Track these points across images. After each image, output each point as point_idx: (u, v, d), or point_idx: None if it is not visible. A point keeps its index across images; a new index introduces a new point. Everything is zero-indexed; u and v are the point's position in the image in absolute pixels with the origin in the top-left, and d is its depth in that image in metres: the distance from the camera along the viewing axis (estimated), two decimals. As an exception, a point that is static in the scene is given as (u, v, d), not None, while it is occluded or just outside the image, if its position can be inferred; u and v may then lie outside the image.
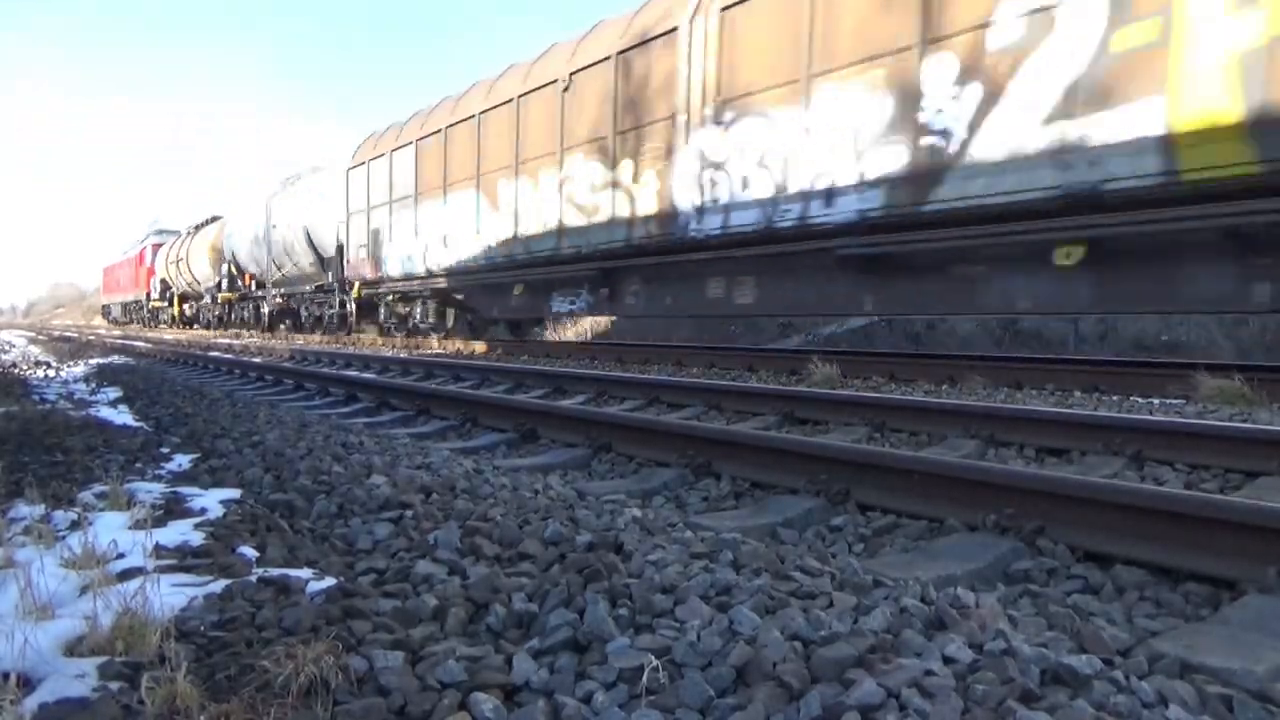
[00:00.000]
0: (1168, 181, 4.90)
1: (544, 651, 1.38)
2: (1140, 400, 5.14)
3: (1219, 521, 1.97)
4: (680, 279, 8.66)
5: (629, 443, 3.68)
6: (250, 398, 5.97)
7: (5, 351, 14.04)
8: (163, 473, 2.97)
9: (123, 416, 4.74)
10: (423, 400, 5.36)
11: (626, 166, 8.77)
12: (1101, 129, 5.15)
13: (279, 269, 18.72)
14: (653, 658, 1.27)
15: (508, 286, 11.29)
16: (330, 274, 16.30)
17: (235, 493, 2.59)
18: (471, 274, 11.78)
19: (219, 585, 1.69)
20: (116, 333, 26.03)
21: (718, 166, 7.69)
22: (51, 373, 8.58)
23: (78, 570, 1.72)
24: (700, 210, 7.86)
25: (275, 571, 1.78)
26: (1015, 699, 1.17)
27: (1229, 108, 4.63)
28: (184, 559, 1.89)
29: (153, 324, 26.78)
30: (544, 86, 9.93)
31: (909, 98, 6.11)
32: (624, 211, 8.78)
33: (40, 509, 2.22)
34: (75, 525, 2.08)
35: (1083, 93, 5.22)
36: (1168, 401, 5.04)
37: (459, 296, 13.02)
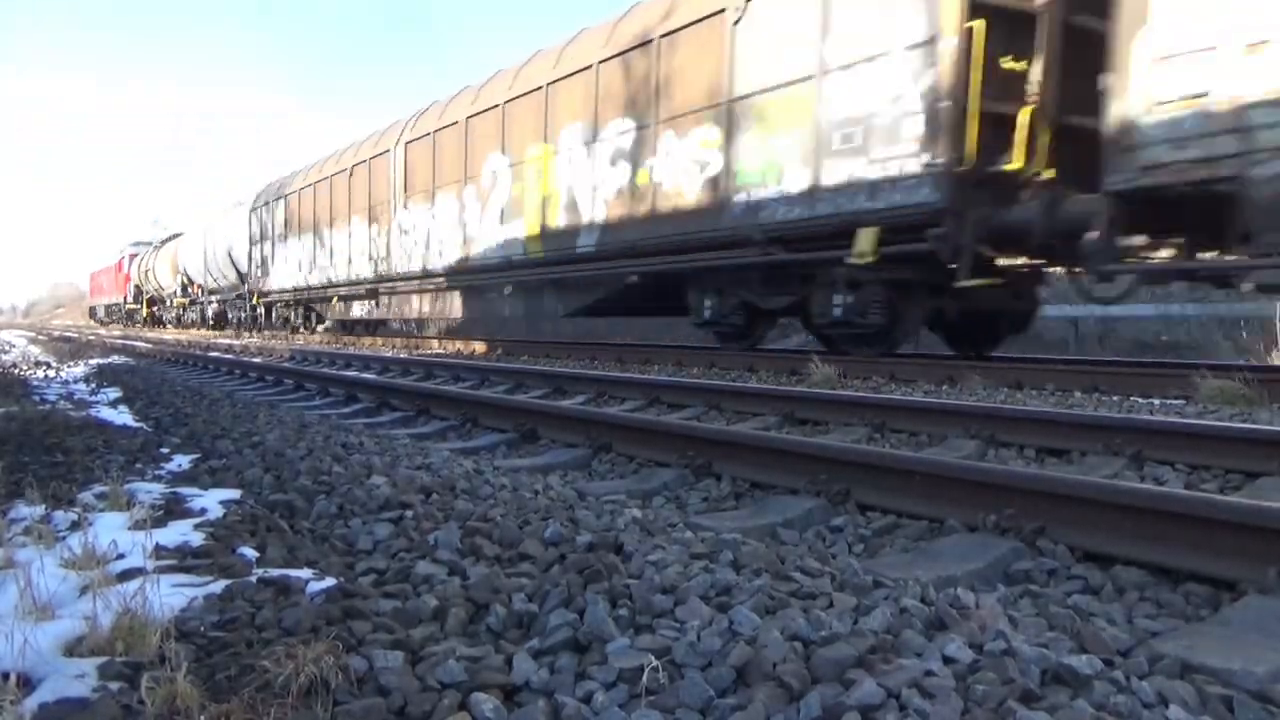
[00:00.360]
0: (531, 258, 11.15)
1: (544, 652, 1.38)
2: (1140, 400, 5.14)
3: (1219, 522, 1.97)
4: (402, 294, 15.13)
5: (629, 443, 3.68)
6: (250, 398, 5.97)
7: (5, 351, 14.04)
8: (163, 473, 2.97)
9: (123, 417, 4.74)
10: (423, 400, 5.36)
11: (370, 230, 15.55)
12: (513, 230, 11.33)
13: (214, 280, 24.41)
14: (653, 658, 1.27)
15: (328, 299, 18.01)
16: (245, 285, 22.12)
17: (235, 493, 2.58)
18: (312, 289, 18.48)
19: (219, 585, 1.69)
20: (117, 333, 26.38)
21: (405, 232, 14.25)
22: (51, 373, 8.58)
23: (78, 570, 1.72)
24: (395, 257, 14.72)
25: (275, 572, 1.78)
26: (1015, 699, 1.17)
27: (538, 227, 10.88)
28: (184, 559, 1.89)
29: (129, 323, 31.65)
30: (335, 174, 17.03)
31: (463, 204, 12.52)
32: (381, 254, 15.17)
33: (40, 509, 2.22)
34: (75, 525, 2.08)
35: (507, 213, 11.46)
36: (1168, 401, 5.04)
37: (308, 304, 19.80)
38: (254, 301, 20.99)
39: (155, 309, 30.27)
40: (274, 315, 20.96)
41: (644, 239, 9.02)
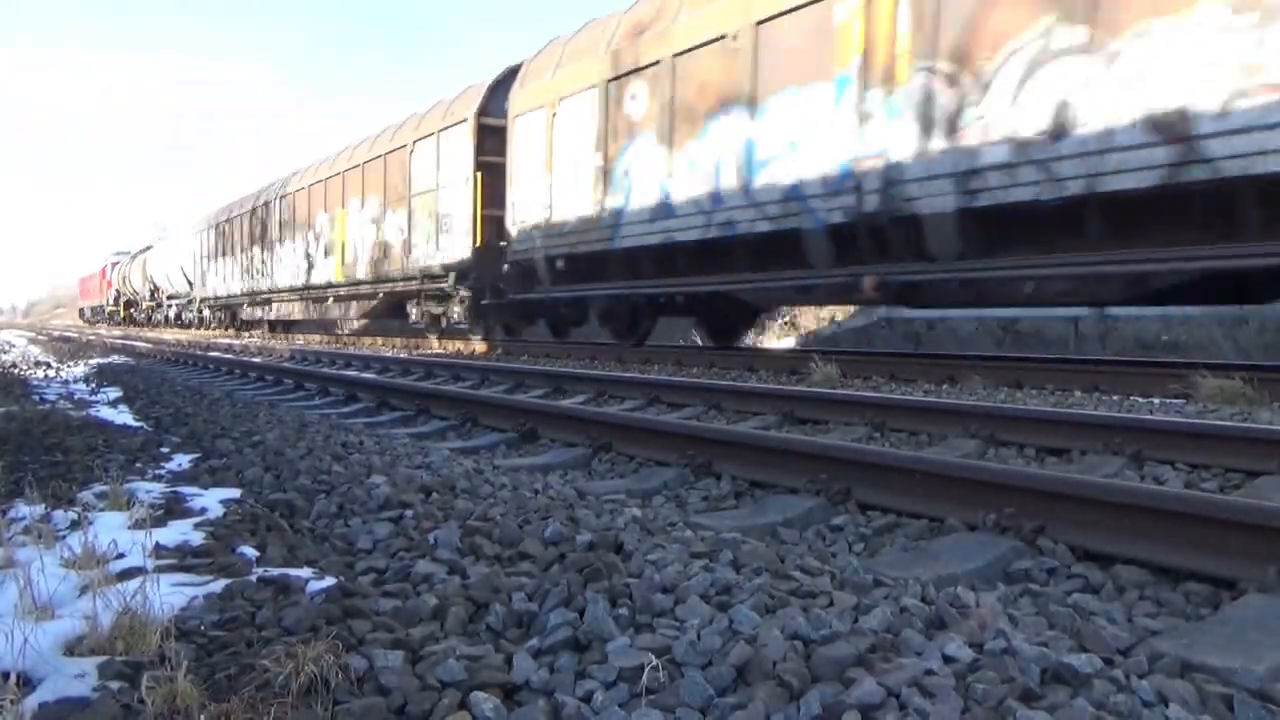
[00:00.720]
0: (338, 283, 17.12)
1: (544, 651, 1.37)
2: (1140, 400, 5.14)
3: (1219, 521, 1.97)
4: (280, 302, 20.75)
5: (629, 442, 3.68)
6: (250, 398, 5.97)
7: (5, 351, 14.04)
8: (163, 472, 2.97)
9: (123, 416, 4.74)
10: (422, 400, 5.36)
11: (264, 256, 20.88)
12: (331, 264, 17.12)
13: (173, 287, 30.17)
14: (653, 657, 1.27)
15: (241, 305, 23.36)
16: (193, 292, 27.58)
17: (235, 492, 2.59)
18: (233, 297, 23.64)
19: (219, 585, 1.69)
20: (117, 333, 26.80)
21: (280, 260, 20.02)
22: (51, 373, 8.58)
23: (78, 570, 1.72)
24: (277, 277, 20.34)
25: (275, 571, 1.78)
26: (1015, 698, 1.18)
27: (340, 263, 17.08)
28: (184, 559, 1.89)
29: (110, 322, 37.42)
30: (244, 213, 22.46)
31: (306, 244, 18.22)
32: (270, 274, 20.67)
33: (40, 509, 2.22)
34: (75, 525, 2.08)
35: (329, 251, 17.12)
36: (1168, 401, 5.03)
37: (230, 308, 24.60)
38: (198, 305, 27.21)
39: (131, 310, 36.39)
40: (210, 316, 26.94)
41: (384, 275, 15.25)
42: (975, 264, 6.50)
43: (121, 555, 1.86)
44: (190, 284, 27.56)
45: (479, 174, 12.11)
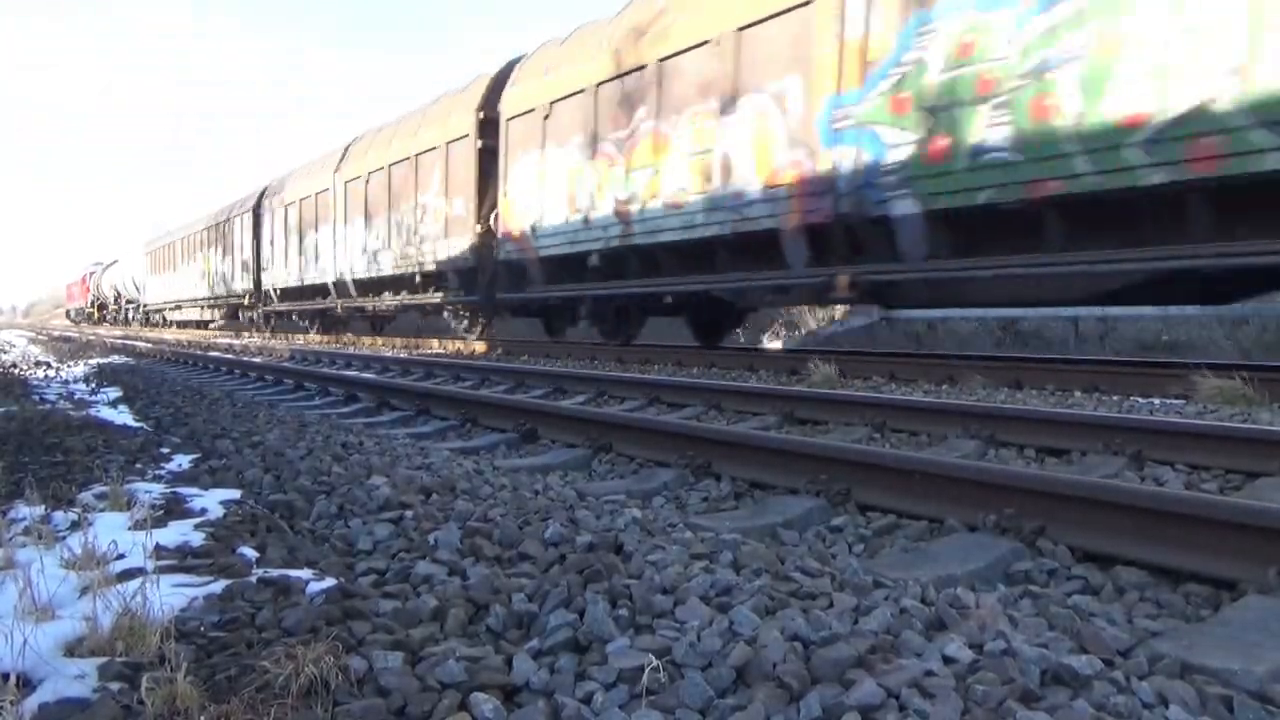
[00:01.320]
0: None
1: (544, 652, 1.38)
2: (1140, 400, 5.14)
3: (1219, 522, 1.97)
4: (188, 309, 27.80)
5: (629, 443, 3.68)
6: (250, 398, 5.97)
7: (5, 351, 14.04)
8: (163, 473, 2.97)
9: (123, 416, 4.74)
10: (422, 400, 5.36)
11: (183, 271, 27.34)
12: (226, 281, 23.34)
13: (129, 294, 36.53)
14: (653, 658, 1.27)
15: (168, 309, 29.63)
16: (141, 298, 34.24)
17: (235, 493, 2.58)
18: (165, 303, 29.73)
19: (219, 586, 1.69)
20: (117, 333, 26.91)
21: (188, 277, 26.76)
22: (51, 373, 8.58)
23: (78, 571, 1.72)
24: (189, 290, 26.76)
25: (275, 572, 1.78)
26: (1015, 699, 1.18)
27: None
28: (184, 559, 1.89)
29: (88, 322, 43.58)
30: (175, 240, 28.17)
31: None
32: (185, 287, 27.32)
33: (40, 509, 2.22)
34: (75, 526, 2.08)
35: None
36: (1168, 401, 5.03)
37: (162, 312, 30.72)
38: (143, 309, 33.94)
39: (103, 311, 42.80)
40: (152, 319, 32.98)
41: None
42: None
43: (121, 556, 1.85)
44: (138, 290, 34.75)
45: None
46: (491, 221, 11.72)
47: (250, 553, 1.93)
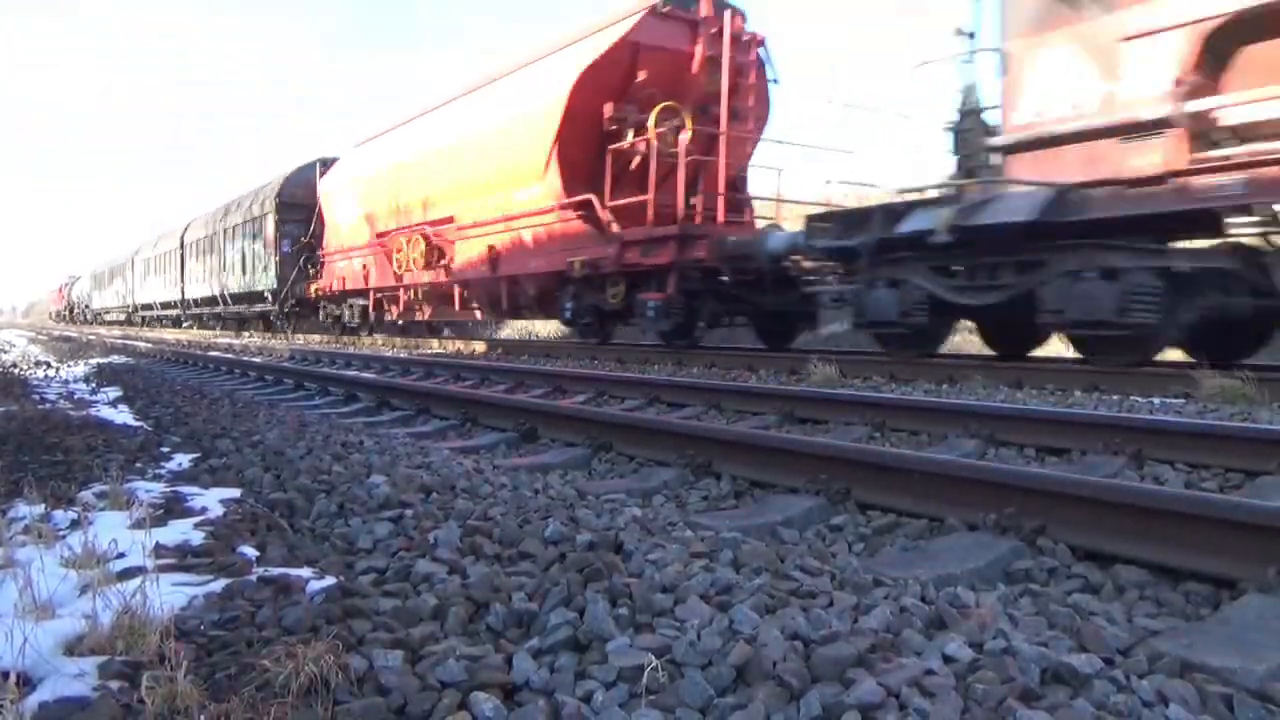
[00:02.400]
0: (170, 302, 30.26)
1: (544, 651, 1.37)
2: (1140, 400, 5.14)
3: (1219, 521, 1.97)
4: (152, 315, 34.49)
5: (629, 442, 3.68)
6: (250, 397, 5.97)
7: (5, 351, 14.04)
8: (163, 472, 2.97)
9: (123, 416, 4.74)
10: (422, 399, 5.36)
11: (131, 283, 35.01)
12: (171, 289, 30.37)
13: (87, 302, 46.00)
14: (653, 657, 1.27)
15: (107, 311, 41.44)
16: (93, 306, 44.06)
17: (235, 492, 2.58)
18: (114, 308, 39.14)
19: (219, 584, 1.69)
20: (117, 333, 26.97)
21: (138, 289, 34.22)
22: (51, 372, 8.58)
23: (78, 569, 1.72)
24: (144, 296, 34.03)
25: (275, 571, 1.78)
26: (1015, 698, 1.18)
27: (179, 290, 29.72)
28: (184, 558, 1.89)
29: (65, 321, 52.20)
30: (131, 259, 35.35)
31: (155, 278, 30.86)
32: (139, 294, 34.69)
33: (40, 508, 2.22)
34: (75, 524, 2.08)
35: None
36: (1168, 401, 5.03)
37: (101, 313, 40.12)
38: (91, 312, 44.47)
39: (71, 313, 52.04)
40: (100, 318, 42.18)
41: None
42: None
43: (121, 555, 1.85)
44: (89, 300, 45.58)
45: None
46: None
47: (250, 551, 1.93)
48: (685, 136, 9.37)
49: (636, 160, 9.80)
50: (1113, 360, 6.14)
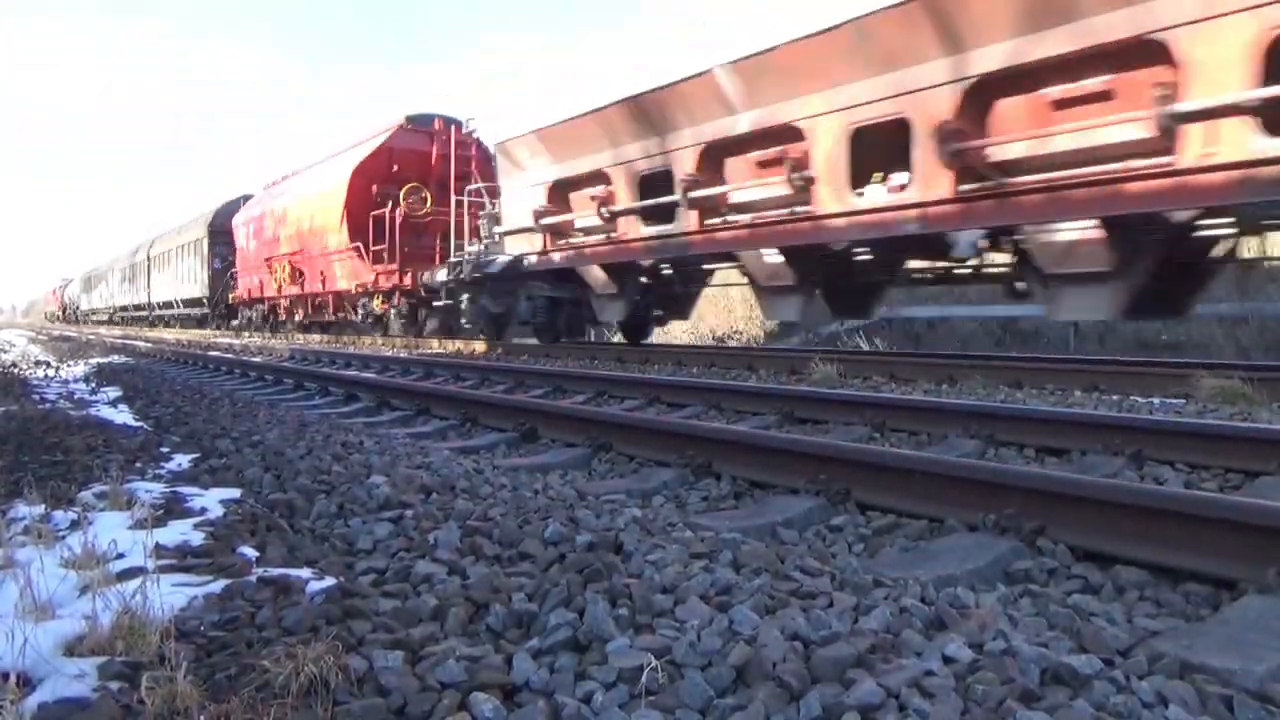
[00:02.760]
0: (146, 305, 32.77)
1: (544, 651, 1.37)
2: (1140, 400, 5.14)
3: (1219, 521, 1.97)
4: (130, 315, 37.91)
5: (629, 442, 3.68)
6: (250, 397, 5.97)
7: (5, 351, 14.04)
8: (163, 472, 2.97)
9: (122, 416, 4.74)
10: (423, 400, 5.36)
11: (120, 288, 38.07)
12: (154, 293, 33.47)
13: (76, 304, 50.22)
14: (652, 658, 1.27)
15: (91, 313, 45.98)
16: (82, 307, 47.82)
17: (235, 492, 2.58)
18: (93, 310, 44.68)
19: (219, 585, 1.69)
20: (117, 332, 27.05)
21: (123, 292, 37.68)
22: (51, 372, 8.58)
23: (78, 570, 1.72)
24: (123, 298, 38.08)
25: (275, 571, 1.78)
26: (1015, 699, 1.18)
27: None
28: (184, 559, 1.89)
29: (60, 321, 55.10)
30: (108, 268, 40.88)
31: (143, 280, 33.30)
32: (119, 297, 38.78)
33: (40, 509, 2.22)
34: (75, 525, 2.08)
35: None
36: (1168, 401, 5.03)
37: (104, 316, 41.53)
38: (80, 313, 47.81)
39: (65, 314, 55.43)
40: (88, 319, 44.82)
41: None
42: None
43: (121, 555, 1.86)
44: (78, 302, 49.43)
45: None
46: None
47: (250, 552, 1.93)
48: (426, 205, 15.49)
49: (387, 221, 15.30)
50: (546, 338, 12.12)
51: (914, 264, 8.34)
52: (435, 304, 13.88)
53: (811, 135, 7.20)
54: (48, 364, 9.96)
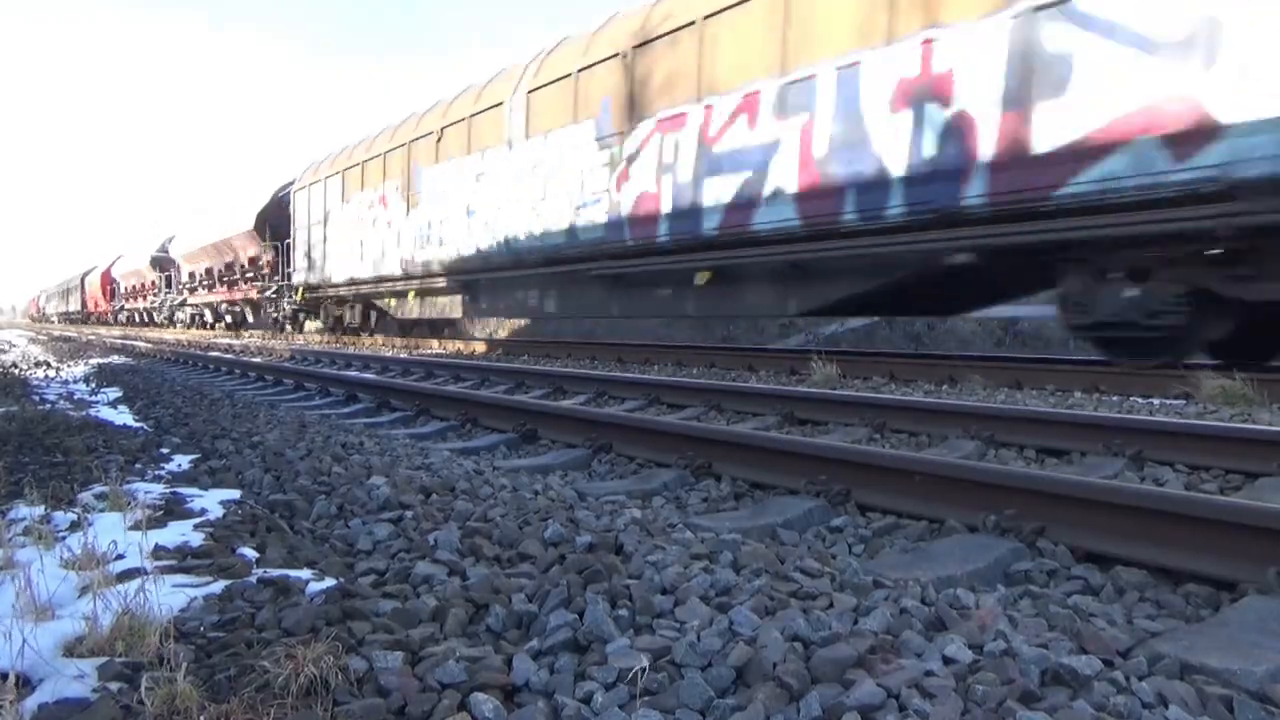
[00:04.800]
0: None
1: (544, 652, 1.37)
2: (1140, 400, 5.14)
3: (1219, 522, 1.97)
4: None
5: (629, 443, 3.68)
6: (250, 398, 5.97)
7: (5, 351, 14.04)
8: (162, 473, 2.97)
9: (123, 417, 4.74)
10: (423, 400, 5.36)
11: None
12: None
13: (51, 309, 60.02)
14: (649, 659, 1.27)
15: (57, 314, 61.30)
16: (49, 311, 58.54)
17: (235, 493, 2.58)
18: (57, 313, 57.28)
19: (219, 586, 1.69)
20: (117, 332, 27.01)
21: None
22: (51, 373, 8.58)
23: (77, 571, 1.72)
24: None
25: (275, 572, 1.78)
26: (1015, 699, 1.18)
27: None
28: (184, 559, 1.89)
29: (42, 322, 62.21)
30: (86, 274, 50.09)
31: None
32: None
33: (40, 509, 2.21)
34: (75, 526, 2.08)
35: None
36: (1168, 401, 5.03)
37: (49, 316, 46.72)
38: (54, 314, 49.61)
39: (43, 315, 63.90)
40: (54, 319, 48.85)
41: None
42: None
43: (121, 556, 1.85)
44: (49, 307, 57.48)
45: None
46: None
47: (250, 553, 1.93)
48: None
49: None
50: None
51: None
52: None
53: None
54: (48, 364, 9.96)
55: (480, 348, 12.67)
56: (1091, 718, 1.14)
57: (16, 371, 8.53)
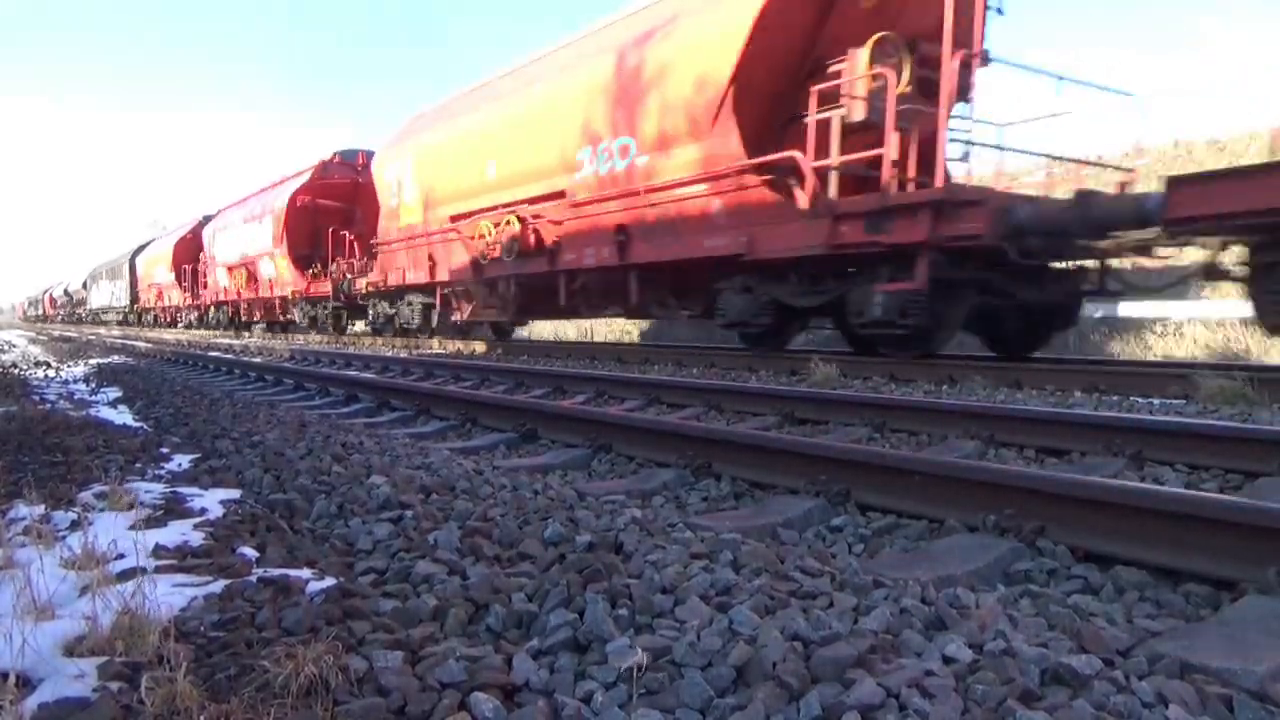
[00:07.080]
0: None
1: (544, 651, 1.38)
2: (1140, 400, 5.14)
3: (1219, 522, 1.97)
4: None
5: (629, 443, 3.68)
6: (250, 398, 5.97)
7: (5, 351, 14.04)
8: (162, 473, 2.97)
9: (123, 416, 4.74)
10: (423, 400, 5.36)
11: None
12: None
13: (59, 305, 58.18)
14: (649, 658, 1.27)
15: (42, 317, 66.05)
16: (63, 311, 58.60)
17: (235, 493, 2.58)
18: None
19: (219, 585, 1.69)
20: (116, 333, 27.07)
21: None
22: (51, 373, 8.58)
23: (77, 570, 1.72)
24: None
25: (275, 571, 1.78)
26: (1015, 699, 1.18)
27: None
28: (184, 559, 1.89)
29: (46, 321, 61.60)
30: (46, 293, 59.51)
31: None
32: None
33: (40, 509, 2.22)
34: (75, 525, 2.08)
35: None
36: (1168, 401, 5.03)
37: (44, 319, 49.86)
38: (42, 311, 50.52)
39: (48, 314, 63.39)
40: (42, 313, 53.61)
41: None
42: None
43: (121, 556, 1.85)
44: (40, 307, 59.34)
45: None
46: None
47: (250, 552, 1.93)
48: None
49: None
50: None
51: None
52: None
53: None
54: (48, 364, 9.96)
55: (480, 348, 12.66)
56: (1091, 717, 1.14)
57: (16, 371, 8.53)
